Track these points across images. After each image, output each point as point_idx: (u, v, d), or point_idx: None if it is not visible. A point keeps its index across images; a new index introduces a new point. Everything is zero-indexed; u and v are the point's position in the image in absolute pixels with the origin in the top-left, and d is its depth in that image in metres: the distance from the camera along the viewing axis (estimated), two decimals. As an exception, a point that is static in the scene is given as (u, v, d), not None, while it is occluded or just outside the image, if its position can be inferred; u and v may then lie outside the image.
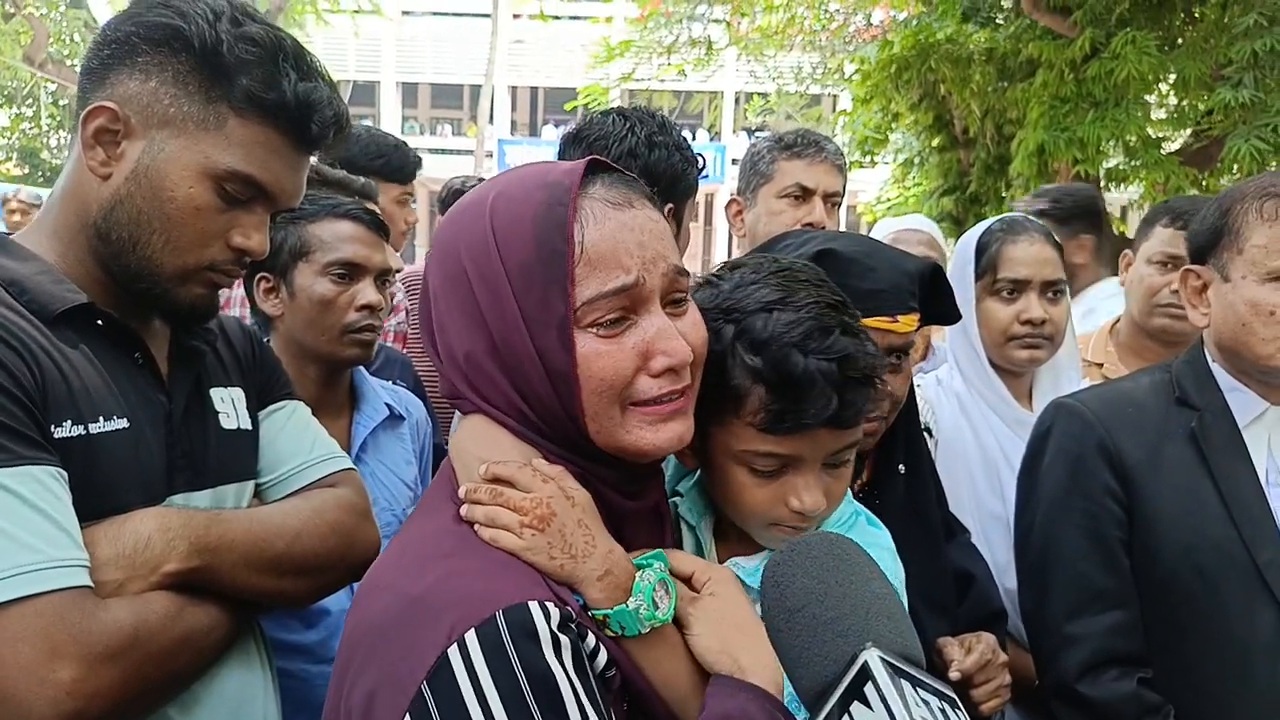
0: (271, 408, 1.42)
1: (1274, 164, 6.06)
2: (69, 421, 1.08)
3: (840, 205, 2.44)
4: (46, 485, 1.01)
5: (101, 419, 1.12)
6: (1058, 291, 2.03)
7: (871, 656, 0.85)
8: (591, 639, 0.91)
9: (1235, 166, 6.50)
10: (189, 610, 1.12)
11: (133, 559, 1.08)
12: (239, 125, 1.16)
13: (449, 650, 0.83)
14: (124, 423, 1.14)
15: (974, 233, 2.13)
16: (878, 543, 1.19)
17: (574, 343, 0.92)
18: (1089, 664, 1.55)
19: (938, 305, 1.46)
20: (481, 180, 4.46)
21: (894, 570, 1.17)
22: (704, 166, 1.93)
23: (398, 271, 2.29)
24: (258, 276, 1.94)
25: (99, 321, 1.17)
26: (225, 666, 1.23)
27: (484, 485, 0.96)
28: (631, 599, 0.92)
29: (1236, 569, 1.51)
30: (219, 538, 1.15)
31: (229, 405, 1.34)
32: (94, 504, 1.08)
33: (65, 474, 1.05)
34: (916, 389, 1.58)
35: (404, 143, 3.16)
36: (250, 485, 1.36)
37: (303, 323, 1.91)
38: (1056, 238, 2.07)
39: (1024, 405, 2.07)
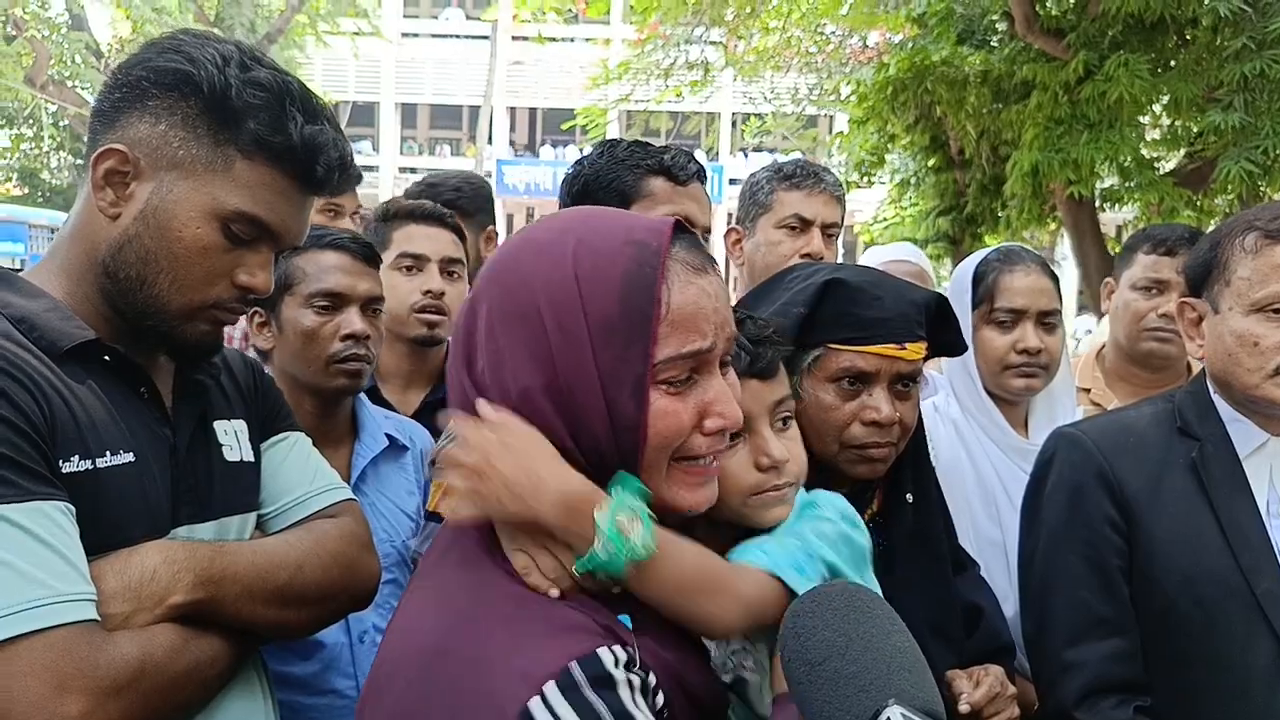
0: (273, 439, 1.43)
1: (1264, 185, 6.11)
2: (76, 456, 1.09)
3: (838, 237, 2.46)
4: (55, 520, 1.02)
5: (108, 453, 1.13)
6: (1053, 321, 2.05)
7: (894, 713, 0.85)
8: (652, 677, 0.93)
9: (1228, 188, 6.56)
10: (194, 642, 1.13)
11: (139, 591, 1.09)
12: (246, 167, 1.18)
13: (530, 703, 0.84)
14: (130, 456, 1.16)
15: (970, 262, 2.15)
16: (833, 503, 1.20)
17: (648, 399, 0.95)
18: (1087, 691, 1.55)
19: (945, 336, 1.48)
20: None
21: (861, 539, 1.18)
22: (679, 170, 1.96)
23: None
24: (252, 312, 1.93)
25: (106, 357, 1.19)
26: (228, 697, 1.23)
27: (445, 451, 0.99)
28: (597, 543, 0.92)
29: (1235, 599, 1.51)
30: (223, 570, 1.16)
31: (232, 438, 1.35)
32: (101, 537, 1.09)
33: (73, 509, 1.05)
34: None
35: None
36: (253, 517, 1.36)
37: (290, 355, 1.91)
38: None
39: (1020, 433, 2.08)
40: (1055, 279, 2.09)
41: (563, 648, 0.88)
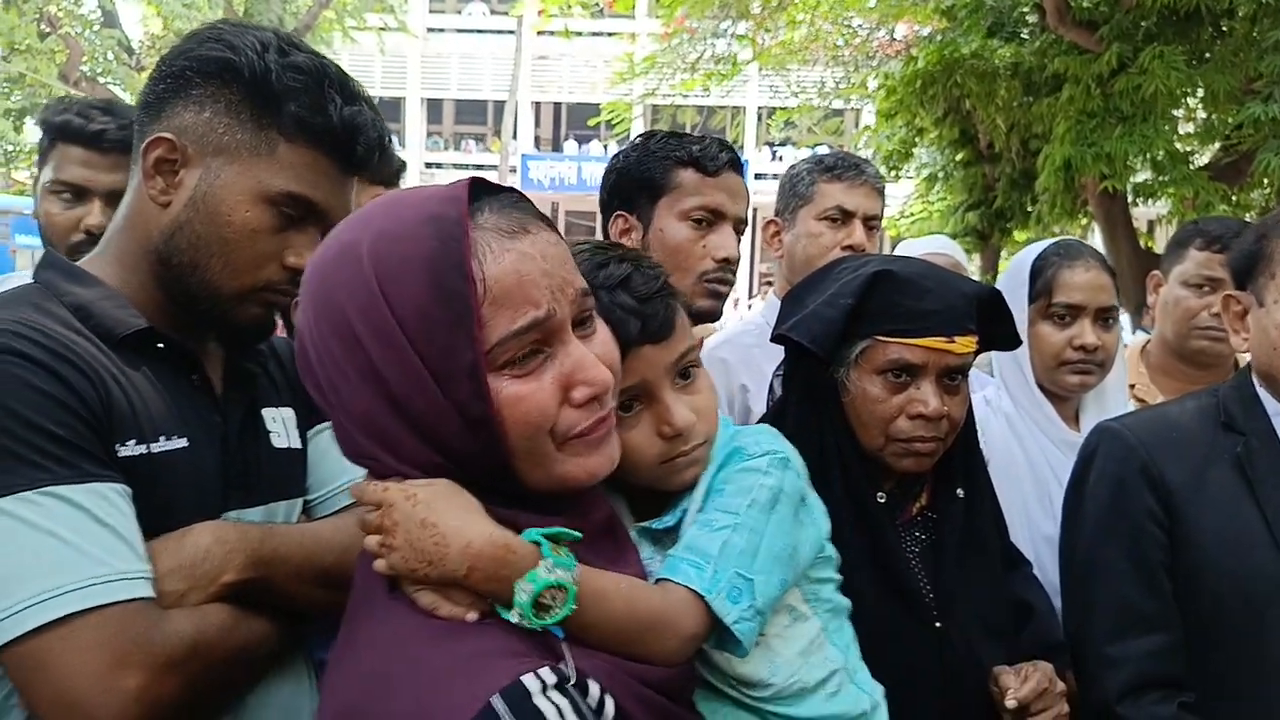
0: (319, 427, 1.44)
1: (1304, 178, 6.00)
2: (132, 440, 1.12)
3: (879, 228, 2.43)
4: (112, 501, 1.05)
5: (162, 438, 1.16)
6: (1111, 318, 2.03)
7: None
8: (595, 688, 0.87)
9: (1265, 181, 6.46)
10: (244, 622, 1.15)
11: (193, 571, 1.11)
12: (289, 150, 1.20)
13: None
14: (183, 442, 1.18)
15: (1028, 255, 2.12)
16: (759, 444, 1.15)
17: (488, 389, 0.86)
18: (1130, 686, 1.54)
19: (997, 330, 1.45)
20: None
21: (791, 480, 1.12)
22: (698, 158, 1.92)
23: None
24: (292, 300, 1.96)
25: (159, 345, 1.21)
26: (275, 680, 1.25)
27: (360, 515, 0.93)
28: (512, 612, 0.86)
29: None
30: (273, 551, 1.18)
31: (280, 425, 1.37)
32: (154, 519, 1.11)
33: (130, 491, 1.08)
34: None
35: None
36: (299, 502, 1.39)
37: None
38: None
39: (1071, 427, 2.06)
40: (1114, 274, 2.06)
41: (483, 682, 0.79)
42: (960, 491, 1.44)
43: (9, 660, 1.00)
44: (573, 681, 0.84)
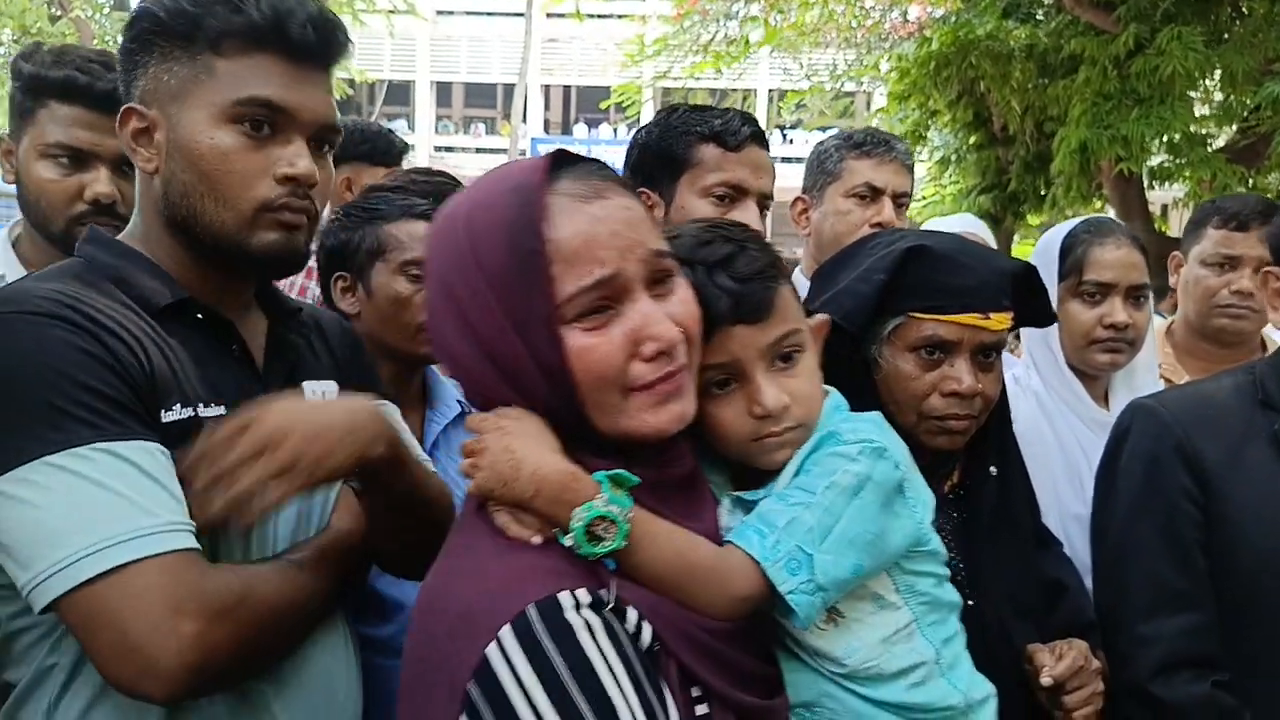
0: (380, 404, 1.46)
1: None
2: (178, 405, 1.15)
3: (908, 205, 2.41)
4: (156, 458, 1.08)
5: (203, 404, 1.18)
6: (1142, 296, 2.02)
7: None
8: (633, 615, 0.93)
9: (1283, 163, 6.41)
10: (292, 579, 1.19)
11: (348, 435, 1.14)
12: (226, 64, 1.20)
13: (488, 650, 0.87)
14: (222, 410, 1.19)
15: (1058, 233, 2.11)
16: (857, 431, 1.15)
17: (561, 339, 0.95)
18: (1163, 665, 1.53)
19: (1032, 306, 1.45)
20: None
21: (884, 471, 1.11)
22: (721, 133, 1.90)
23: None
24: (335, 275, 1.97)
25: (198, 315, 1.24)
26: (315, 646, 1.27)
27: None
28: (567, 536, 0.94)
29: None
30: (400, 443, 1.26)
31: (321, 398, 1.37)
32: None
33: (170, 453, 1.11)
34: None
35: (387, 129, 3.25)
36: None
37: (379, 320, 1.93)
38: None
39: (1101, 407, 2.05)
40: (1145, 252, 2.05)
41: (523, 592, 0.89)
42: (993, 469, 1.43)
43: (67, 609, 1.03)
44: (610, 606, 0.92)
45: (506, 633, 0.87)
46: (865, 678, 1.11)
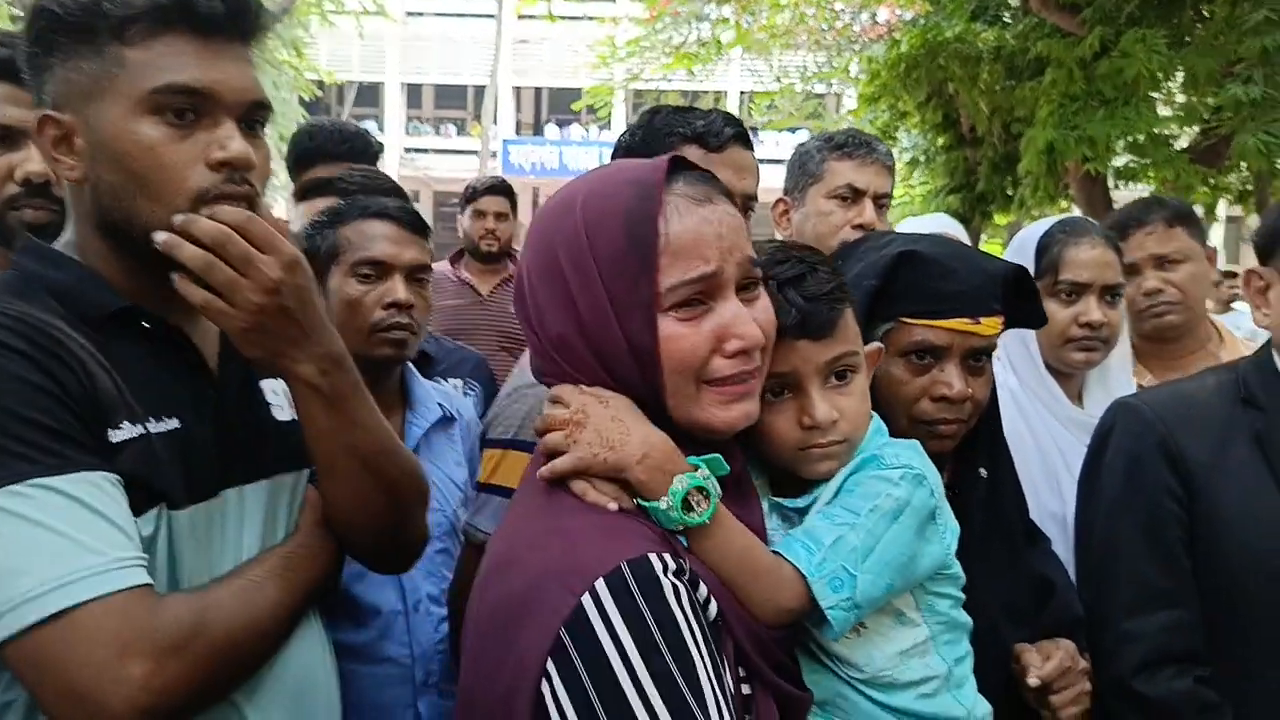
0: None
1: (1281, 160, 6.09)
2: (126, 422, 1.11)
3: (888, 207, 2.44)
4: (103, 489, 1.04)
5: (154, 419, 1.14)
6: (1117, 295, 2.06)
7: None
8: (704, 588, 0.99)
9: (1244, 164, 6.54)
10: (252, 595, 1.16)
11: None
12: (133, 51, 1.12)
13: (583, 598, 0.92)
14: (175, 423, 1.16)
15: (1033, 233, 2.14)
16: (898, 458, 1.20)
17: (657, 325, 1.01)
18: (1146, 661, 1.55)
19: (1023, 308, 1.47)
20: (497, 179, 4.47)
21: (921, 497, 1.17)
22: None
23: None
24: None
25: (144, 324, 1.19)
26: (291, 648, 1.25)
27: (545, 413, 1.09)
28: (663, 499, 1.01)
29: None
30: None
31: (280, 397, 1.35)
32: (147, 501, 1.11)
33: (119, 478, 1.07)
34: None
35: (364, 129, 3.26)
36: (305, 474, 1.37)
37: (337, 324, 1.92)
38: None
39: (1076, 405, 2.09)
40: (1119, 251, 2.09)
41: (616, 550, 0.95)
42: (983, 471, 1.45)
43: (11, 655, 0.99)
44: (688, 576, 0.98)
45: (601, 585, 0.92)
46: (880, 685, 1.17)
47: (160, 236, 1.11)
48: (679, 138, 1.87)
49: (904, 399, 1.38)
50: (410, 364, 2.12)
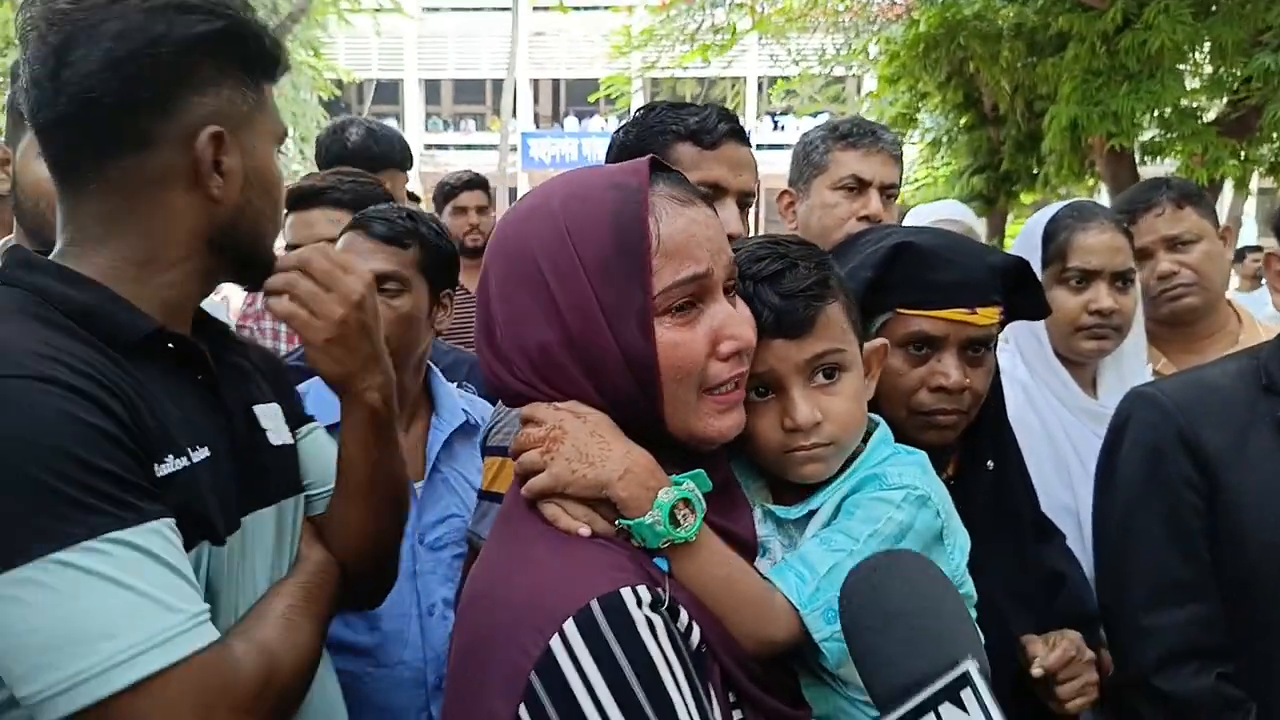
0: (309, 427, 1.43)
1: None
2: (170, 456, 1.07)
3: (896, 197, 2.37)
4: (167, 538, 1.01)
5: (191, 449, 1.11)
6: (1127, 281, 2.00)
7: (972, 666, 0.91)
8: (684, 615, 0.95)
9: (1275, 135, 6.39)
10: (295, 635, 1.16)
11: None
12: (269, 89, 1.23)
13: (551, 641, 0.88)
14: (207, 451, 1.13)
15: (1040, 219, 2.08)
16: (902, 478, 1.16)
17: (654, 331, 0.97)
18: (1167, 657, 1.51)
19: (1025, 299, 1.44)
20: (471, 173, 4.42)
21: (925, 520, 1.13)
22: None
23: None
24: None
25: (169, 345, 1.14)
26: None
27: (519, 432, 1.04)
28: (649, 513, 0.96)
29: None
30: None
31: (271, 421, 1.33)
32: (191, 533, 1.08)
33: (174, 519, 1.04)
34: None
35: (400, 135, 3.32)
36: (302, 497, 1.36)
37: None
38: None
39: (1089, 394, 2.03)
40: (1129, 236, 2.03)
41: (587, 585, 0.91)
42: (990, 463, 1.43)
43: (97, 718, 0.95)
44: (665, 605, 0.94)
45: (570, 626, 0.88)
46: None
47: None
48: (673, 135, 1.82)
49: (902, 390, 1.36)
50: (436, 369, 2.12)
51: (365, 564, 1.36)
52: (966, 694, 0.89)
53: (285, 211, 2.52)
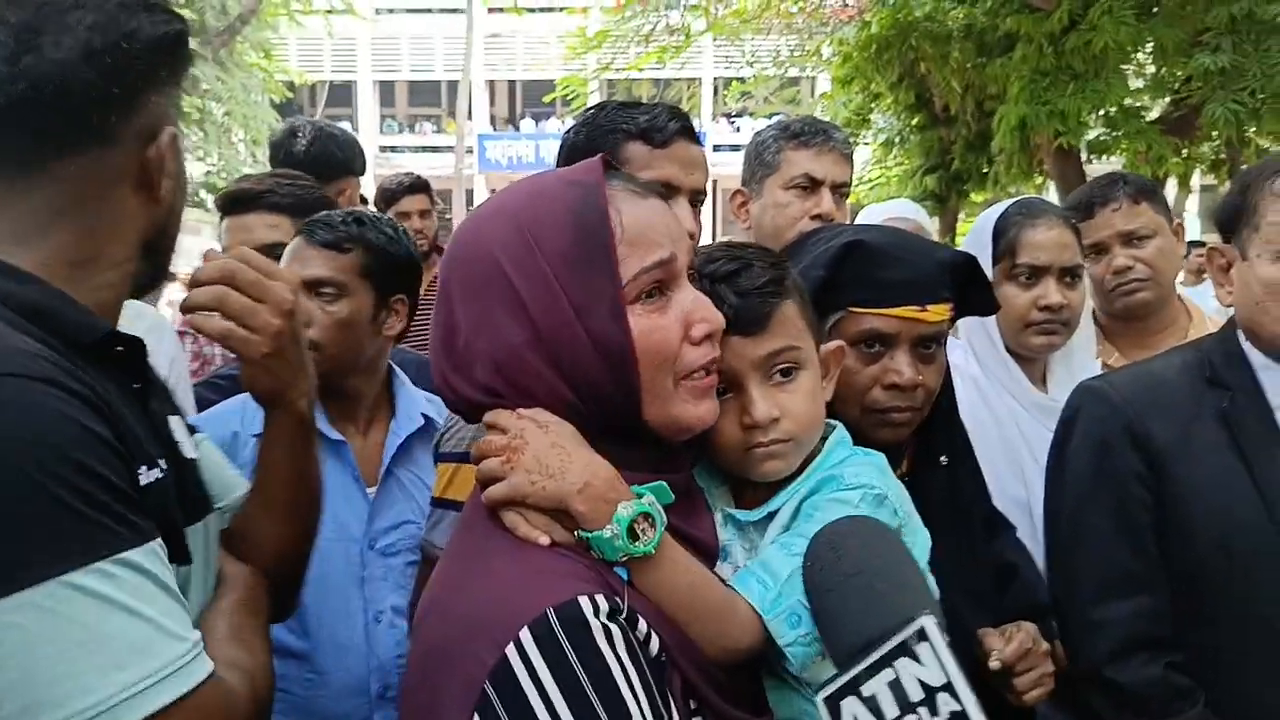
0: (198, 437, 1.33)
1: (1250, 128, 6.11)
2: (144, 466, 1.01)
3: (848, 195, 2.39)
4: (160, 556, 0.96)
5: (159, 459, 1.06)
6: (1076, 276, 2.03)
7: (929, 621, 0.93)
8: (643, 624, 0.94)
9: (1214, 133, 6.55)
10: (255, 655, 1.12)
11: None
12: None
13: (507, 650, 0.87)
14: (163, 462, 1.07)
15: (990, 216, 2.11)
16: (860, 477, 1.16)
17: (627, 319, 0.97)
18: (1117, 648, 1.54)
19: (975, 296, 1.45)
20: (412, 176, 4.27)
21: (883, 518, 1.13)
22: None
23: None
24: None
25: (118, 349, 1.07)
26: None
27: (481, 440, 1.03)
28: (608, 527, 0.95)
29: (1268, 552, 1.49)
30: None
31: (182, 434, 1.24)
32: (172, 551, 1.02)
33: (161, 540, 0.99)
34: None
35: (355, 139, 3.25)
36: (217, 513, 1.29)
37: None
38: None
39: (1039, 389, 2.07)
40: (1077, 232, 2.07)
41: (543, 594, 0.90)
42: (943, 459, 1.44)
43: None
44: (624, 615, 0.93)
45: (525, 634, 0.87)
46: None
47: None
48: (623, 134, 1.80)
49: (856, 388, 1.36)
50: (399, 371, 2.09)
51: (284, 573, 1.32)
52: (923, 648, 0.91)
53: (221, 216, 2.48)
